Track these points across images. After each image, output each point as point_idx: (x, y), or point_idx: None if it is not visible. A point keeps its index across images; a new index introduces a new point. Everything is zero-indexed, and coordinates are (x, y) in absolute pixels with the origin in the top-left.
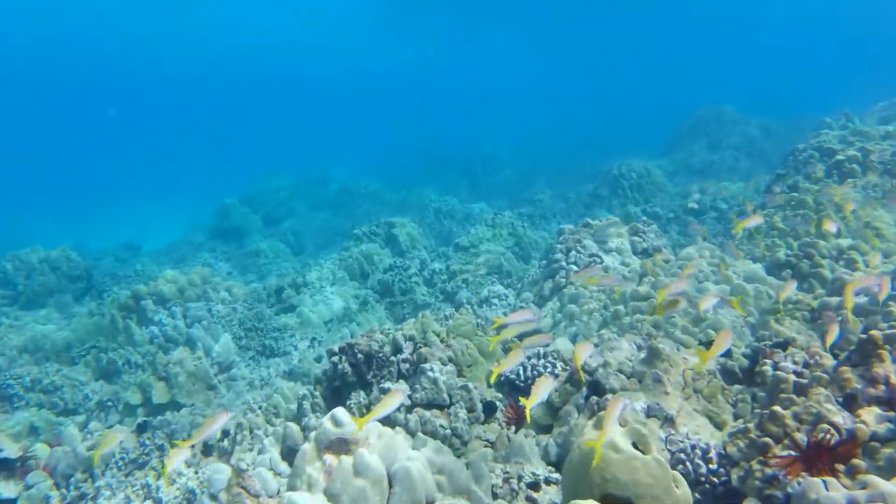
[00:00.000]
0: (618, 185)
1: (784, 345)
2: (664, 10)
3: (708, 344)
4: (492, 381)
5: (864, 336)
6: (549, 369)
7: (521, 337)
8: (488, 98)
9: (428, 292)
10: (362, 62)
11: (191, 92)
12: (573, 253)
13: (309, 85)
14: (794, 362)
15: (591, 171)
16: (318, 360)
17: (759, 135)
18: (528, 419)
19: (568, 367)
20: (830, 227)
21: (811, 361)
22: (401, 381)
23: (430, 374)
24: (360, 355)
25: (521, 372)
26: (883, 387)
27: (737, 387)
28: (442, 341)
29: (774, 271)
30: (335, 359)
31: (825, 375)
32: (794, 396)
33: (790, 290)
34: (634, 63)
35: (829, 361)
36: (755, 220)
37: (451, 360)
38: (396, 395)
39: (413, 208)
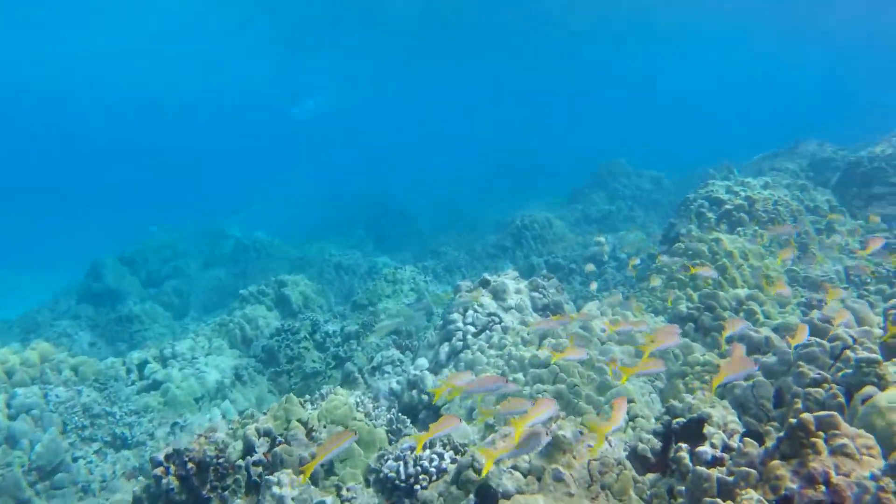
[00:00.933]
0: (521, 235)
1: (699, 422)
2: (569, 70)
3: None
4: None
5: (793, 421)
6: (434, 462)
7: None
8: (396, 149)
9: (319, 358)
10: (263, 110)
11: (69, 141)
12: (470, 312)
13: (204, 134)
14: (713, 445)
15: (497, 222)
16: None
17: (650, 186)
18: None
19: (458, 459)
20: (784, 290)
21: (732, 445)
22: (251, 494)
23: (274, 490)
24: (190, 465)
25: (402, 469)
26: (823, 487)
27: (650, 477)
28: (309, 433)
29: (677, 325)
30: (158, 471)
31: (752, 471)
32: (719, 502)
33: (734, 328)
34: (543, 115)
35: (753, 450)
36: (707, 271)
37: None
38: (346, 436)
39: (314, 264)
